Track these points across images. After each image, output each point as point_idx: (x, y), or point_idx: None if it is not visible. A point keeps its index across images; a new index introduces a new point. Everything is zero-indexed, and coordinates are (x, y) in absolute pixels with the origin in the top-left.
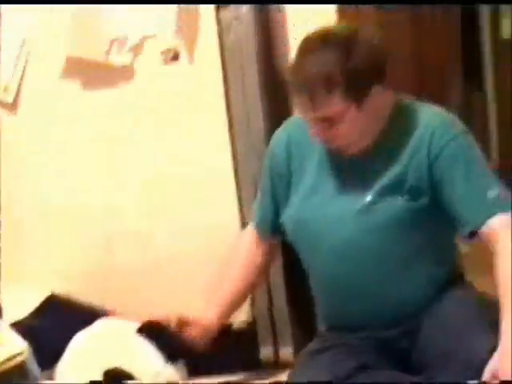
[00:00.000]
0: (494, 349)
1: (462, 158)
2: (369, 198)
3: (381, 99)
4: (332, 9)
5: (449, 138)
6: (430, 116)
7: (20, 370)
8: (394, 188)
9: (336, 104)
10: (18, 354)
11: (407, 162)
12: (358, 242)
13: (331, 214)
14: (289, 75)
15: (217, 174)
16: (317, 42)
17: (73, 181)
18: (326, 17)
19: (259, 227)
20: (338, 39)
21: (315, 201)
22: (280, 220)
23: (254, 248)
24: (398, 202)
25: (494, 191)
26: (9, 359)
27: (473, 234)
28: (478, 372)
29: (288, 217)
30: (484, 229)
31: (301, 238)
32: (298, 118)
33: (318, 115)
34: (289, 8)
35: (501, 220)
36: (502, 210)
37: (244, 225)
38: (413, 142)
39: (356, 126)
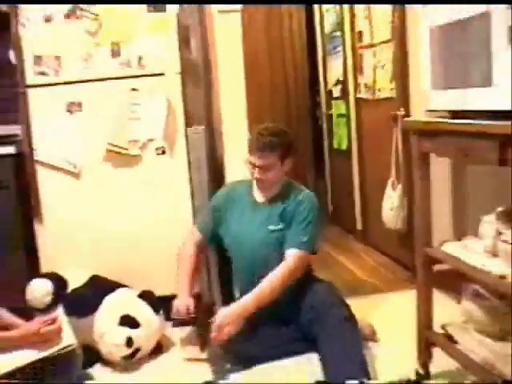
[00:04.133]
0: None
1: (306, 215)
2: (270, 227)
3: (288, 167)
4: None
5: (307, 205)
6: (305, 192)
7: (70, 356)
8: (282, 224)
9: (273, 159)
10: (70, 345)
11: (287, 209)
12: (261, 249)
13: (250, 233)
14: (251, 143)
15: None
16: (267, 131)
17: (87, 205)
18: None
19: (203, 236)
20: (277, 131)
21: (241, 226)
22: (219, 234)
23: (196, 254)
24: (283, 231)
25: (305, 238)
26: (64, 348)
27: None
28: (324, 324)
29: (225, 233)
30: (287, 252)
31: (231, 245)
32: (230, 185)
33: (262, 163)
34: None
35: (294, 252)
36: (301, 248)
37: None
38: (291, 200)
39: (276, 175)
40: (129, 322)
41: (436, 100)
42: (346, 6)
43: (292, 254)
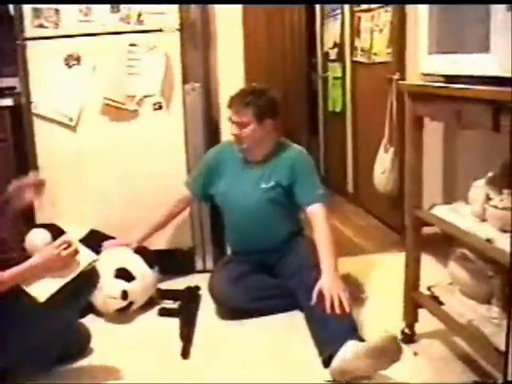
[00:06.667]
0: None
1: (307, 171)
2: (262, 185)
3: (268, 128)
4: None
5: (302, 161)
6: (296, 149)
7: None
8: (273, 182)
9: (247, 116)
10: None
11: (281, 170)
12: (253, 207)
13: (241, 192)
14: (230, 98)
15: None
16: (247, 89)
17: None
18: None
19: (192, 192)
20: (256, 90)
21: (233, 184)
22: (210, 192)
23: (179, 203)
24: (274, 189)
25: (320, 190)
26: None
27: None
28: (309, 285)
29: (218, 191)
30: (310, 208)
31: (224, 203)
32: (225, 143)
33: (237, 119)
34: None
35: (318, 207)
36: (321, 201)
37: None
38: (285, 160)
39: (254, 135)
40: (124, 275)
41: (432, 64)
42: None
43: (316, 209)
